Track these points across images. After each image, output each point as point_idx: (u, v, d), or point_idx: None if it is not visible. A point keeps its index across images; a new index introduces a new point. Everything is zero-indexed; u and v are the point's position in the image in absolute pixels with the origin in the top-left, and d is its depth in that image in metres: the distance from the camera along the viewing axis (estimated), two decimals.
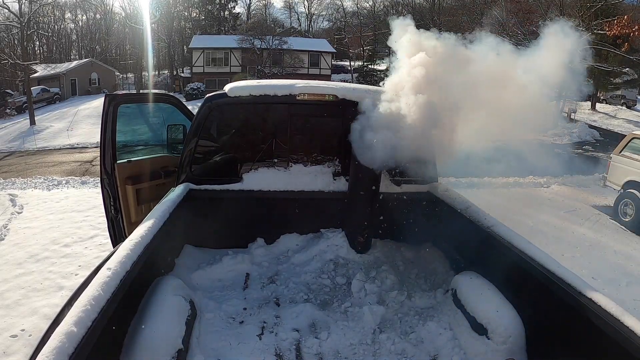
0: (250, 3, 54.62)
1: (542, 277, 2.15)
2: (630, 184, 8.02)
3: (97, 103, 29.36)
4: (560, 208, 8.63)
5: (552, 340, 2.16)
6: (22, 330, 4.20)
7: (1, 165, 14.97)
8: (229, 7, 50.39)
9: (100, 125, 3.90)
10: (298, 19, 57.63)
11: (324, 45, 40.31)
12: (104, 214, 4.10)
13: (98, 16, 52.76)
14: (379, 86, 3.41)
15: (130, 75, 45.07)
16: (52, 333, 1.47)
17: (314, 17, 57.17)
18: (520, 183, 10.30)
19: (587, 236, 7.15)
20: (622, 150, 8.43)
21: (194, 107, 9.01)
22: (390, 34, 3.18)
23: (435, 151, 3.29)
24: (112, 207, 3.94)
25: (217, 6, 49.19)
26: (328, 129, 3.68)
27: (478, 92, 2.78)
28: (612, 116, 25.53)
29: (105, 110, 3.80)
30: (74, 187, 10.08)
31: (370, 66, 39.88)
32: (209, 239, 3.46)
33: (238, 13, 52.19)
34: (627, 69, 22.61)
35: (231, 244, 3.49)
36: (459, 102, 2.78)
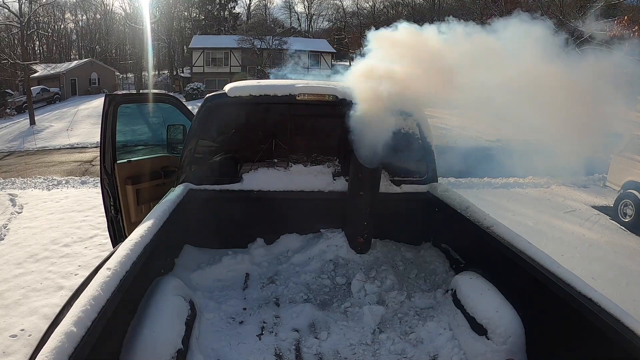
0: (250, 3, 54.71)
1: (542, 278, 2.15)
2: (630, 184, 8.01)
3: (97, 103, 29.38)
4: (560, 208, 8.62)
5: (552, 340, 2.16)
6: (22, 330, 4.20)
7: (1, 165, 14.97)
8: (229, 7, 50.42)
9: (100, 125, 3.90)
10: (298, 19, 57.65)
11: (324, 45, 40.30)
12: (104, 214, 4.10)
13: (98, 16, 52.85)
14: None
15: (130, 75, 45.07)
16: (51, 333, 1.47)
17: (313, 17, 57.22)
18: (520, 183, 10.29)
19: (587, 236, 7.15)
20: (622, 150, 8.43)
21: (194, 107, 9.02)
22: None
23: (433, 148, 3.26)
24: (112, 207, 3.94)
25: (217, 6, 49.22)
26: (328, 129, 3.68)
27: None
28: None
29: (105, 110, 3.80)
30: (73, 187, 10.08)
31: None
32: (208, 239, 3.45)
33: (238, 13, 52.28)
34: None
35: (231, 244, 3.48)
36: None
